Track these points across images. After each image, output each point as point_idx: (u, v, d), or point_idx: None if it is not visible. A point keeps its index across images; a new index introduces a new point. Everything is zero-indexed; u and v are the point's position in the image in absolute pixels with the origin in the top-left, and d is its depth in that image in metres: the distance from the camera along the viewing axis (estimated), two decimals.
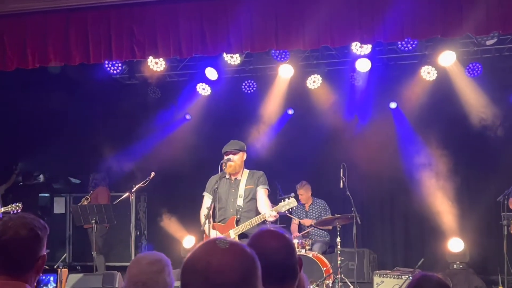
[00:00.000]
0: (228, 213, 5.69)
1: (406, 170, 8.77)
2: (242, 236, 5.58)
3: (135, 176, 8.26)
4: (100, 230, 8.35)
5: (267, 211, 5.47)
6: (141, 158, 9.36)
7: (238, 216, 5.63)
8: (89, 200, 8.47)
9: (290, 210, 5.59)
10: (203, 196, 5.86)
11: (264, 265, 1.59)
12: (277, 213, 5.50)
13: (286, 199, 5.52)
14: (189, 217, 8.73)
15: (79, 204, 8.24)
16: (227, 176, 5.77)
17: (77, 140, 9.79)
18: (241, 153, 5.74)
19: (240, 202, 5.67)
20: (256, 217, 5.53)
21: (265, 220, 5.51)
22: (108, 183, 9.20)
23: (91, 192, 8.74)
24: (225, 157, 5.69)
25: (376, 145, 8.67)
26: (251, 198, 5.69)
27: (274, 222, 7.15)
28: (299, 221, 8.25)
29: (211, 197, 5.62)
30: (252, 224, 5.52)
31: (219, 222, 5.68)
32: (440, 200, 8.41)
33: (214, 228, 5.58)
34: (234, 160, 5.66)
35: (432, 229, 8.69)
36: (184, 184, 9.56)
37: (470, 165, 8.91)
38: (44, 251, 2.30)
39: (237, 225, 5.62)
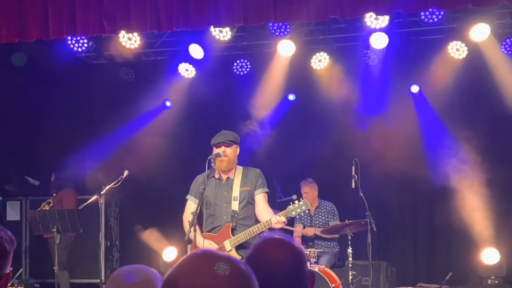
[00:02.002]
0: (221, 220, 5.63)
1: (430, 167, 8.76)
2: (239, 247, 5.54)
3: (105, 175, 8.22)
4: (64, 241, 8.33)
5: (272, 216, 5.42)
6: (112, 154, 9.33)
7: (234, 224, 5.58)
8: (51, 205, 8.42)
9: (302, 213, 5.54)
10: (186, 200, 5.82)
11: (267, 280, 1.57)
12: (286, 218, 5.45)
13: (296, 202, 5.47)
14: (170, 225, 8.70)
15: (38, 209, 8.21)
16: (217, 176, 5.71)
17: (35, 132, 9.74)
18: (235, 145, 5.68)
19: (235, 206, 5.60)
20: (258, 225, 5.47)
21: (270, 228, 5.46)
22: (74, 184, 9.16)
23: (54, 195, 8.67)
24: (214, 151, 5.62)
25: (394, 137, 8.67)
26: (248, 202, 5.64)
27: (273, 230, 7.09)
28: (302, 232, 8.21)
29: (197, 201, 5.57)
30: (253, 233, 5.45)
31: (209, 231, 5.63)
32: (471, 203, 8.41)
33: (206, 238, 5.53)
34: (227, 154, 5.59)
35: (462, 237, 8.72)
36: (164, 185, 9.52)
37: (507, 161, 8.91)
38: (9, 268, 2.28)
39: (233, 234, 5.57)
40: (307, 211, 8.19)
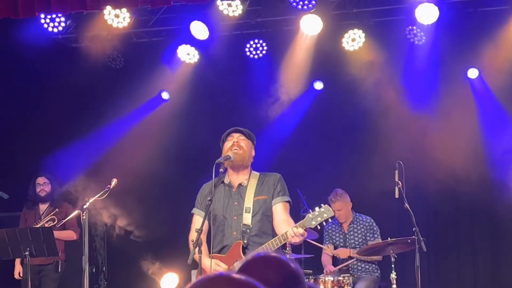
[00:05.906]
0: (230, 237, 5.61)
1: (493, 171, 8.76)
2: None
3: (88, 185, 8.24)
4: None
5: (289, 228, 5.36)
6: (97, 159, 9.40)
7: (246, 241, 5.54)
8: (55, 221, 8.40)
9: (323, 223, 5.43)
10: (192, 214, 5.81)
11: None
12: (305, 230, 5.38)
13: (316, 208, 5.38)
14: (169, 246, 8.73)
15: (34, 226, 8.20)
16: (226, 181, 5.70)
17: (2, 132, 9.76)
18: (250, 141, 5.68)
19: (248, 219, 5.57)
20: (272, 240, 5.43)
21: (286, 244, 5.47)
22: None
23: (56, 209, 8.61)
24: (225, 146, 5.58)
25: (448, 134, 8.67)
26: (264, 215, 5.62)
27: (298, 250, 7.11)
28: (333, 253, 8.23)
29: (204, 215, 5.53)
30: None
31: (218, 252, 5.63)
32: None
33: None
34: (242, 145, 5.57)
35: None
36: (162, 196, 9.55)
37: None
38: None
39: (244, 254, 5.52)
40: (336, 227, 8.23)
